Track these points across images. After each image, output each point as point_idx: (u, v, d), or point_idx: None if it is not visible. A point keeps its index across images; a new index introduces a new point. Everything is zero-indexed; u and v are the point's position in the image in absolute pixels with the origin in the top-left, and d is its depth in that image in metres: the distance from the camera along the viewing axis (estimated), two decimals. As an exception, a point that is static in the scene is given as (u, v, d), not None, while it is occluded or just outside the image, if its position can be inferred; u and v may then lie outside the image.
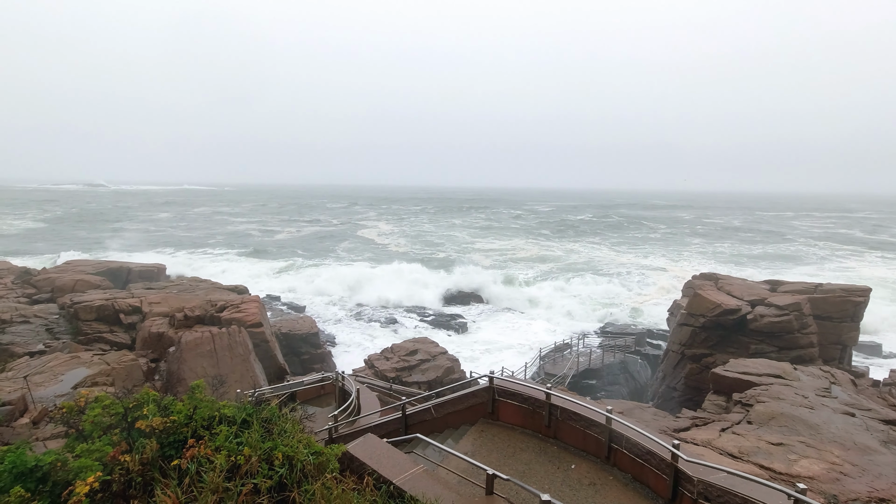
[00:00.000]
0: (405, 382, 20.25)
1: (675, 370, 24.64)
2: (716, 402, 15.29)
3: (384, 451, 6.93)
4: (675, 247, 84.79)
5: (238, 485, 4.14)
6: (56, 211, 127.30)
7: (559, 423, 8.56)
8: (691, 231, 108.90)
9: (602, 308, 43.68)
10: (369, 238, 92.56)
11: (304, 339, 26.31)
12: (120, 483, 4.49)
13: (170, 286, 30.16)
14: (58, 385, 13.83)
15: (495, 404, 9.37)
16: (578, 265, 65.67)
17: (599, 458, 7.98)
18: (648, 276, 57.76)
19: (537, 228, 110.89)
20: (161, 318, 21.60)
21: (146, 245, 75.18)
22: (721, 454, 9.52)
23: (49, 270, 32.17)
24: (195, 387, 5.43)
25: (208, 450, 4.51)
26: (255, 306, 21.67)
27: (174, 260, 60.13)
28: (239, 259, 64.85)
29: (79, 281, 28.09)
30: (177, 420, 5.15)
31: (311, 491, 4.56)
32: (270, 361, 19.86)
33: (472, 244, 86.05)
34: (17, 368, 15.19)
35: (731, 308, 22.83)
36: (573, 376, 27.29)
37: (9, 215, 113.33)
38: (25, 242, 76.28)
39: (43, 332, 21.27)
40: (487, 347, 34.84)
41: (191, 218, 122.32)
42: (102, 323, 22.53)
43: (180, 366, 16.56)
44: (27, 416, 11.38)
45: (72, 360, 15.99)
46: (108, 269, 33.45)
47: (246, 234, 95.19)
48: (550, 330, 38.00)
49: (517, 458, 8.20)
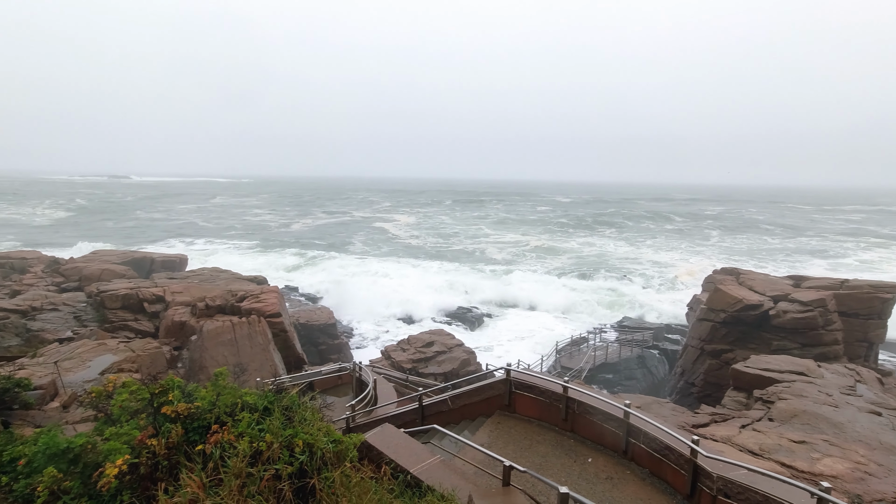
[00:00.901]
0: (421, 374, 20.39)
1: (694, 365, 24.33)
2: (736, 398, 15.07)
3: (401, 440, 7.00)
4: (692, 241, 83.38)
5: (260, 470, 4.23)
6: (82, 202, 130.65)
7: (576, 416, 8.54)
8: (710, 224, 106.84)
9: (618, 303, 43.25)
10: (385, 229, 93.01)
11: (322, 330, 26.65)
12: (147, 466, 4.63)
13: (191, 276, 30.74)
14: (86, 371, 14.26)
15: (512, 397, 9.38)
16: (594, 259, 65.09)
17: (616, 453, 7.95)
18: (666, 271, 56.97)
19: (552, 221, 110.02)
20: (183, 308, 22.05)
21: (167, 235, 76.77)
22: (741, 451, 9.39)
23: (76, 260, 33.07)
24: (218, 374, 5.55)
25: (231, 436, 4.62)
26: (274, 296, 21.98)
27: (194, 250, 61.33)
28: (256, 250, 65.84)
29: (105, 270, 28.82)
30: (200, 406, 5.28)
31: (331, 478, 4.63)
32: (289, 351, 20.16)
33: (486, 236, 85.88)
34: (48, 354, 15.70)
35: (752, 303, 22.40)
36: (589, 370, 27.15)
37: (39, 206, 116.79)
38: (54, 232, 78.57)
39: (71, 319, 21.91)
40: (502, 340, 34.83)
41: (209, 209, 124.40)
42: (127, 311, 23.11)
43: (202, 354, 16.92)
44: (57, 400, 11.77)
45: (99, 346, 16.47)
46: (132, 258, 34.23)
47: (263, 225, 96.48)
48: (565, 324, 37.79)
49: (534, 451, 8.21)
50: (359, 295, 42.07)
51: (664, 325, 36.11)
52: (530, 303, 43.09)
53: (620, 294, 46.15)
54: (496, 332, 36.70)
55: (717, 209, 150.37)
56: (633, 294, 46.27)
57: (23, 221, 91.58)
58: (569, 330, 34.76)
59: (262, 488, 4.26)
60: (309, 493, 4.59)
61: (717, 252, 71.73)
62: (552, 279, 51.60)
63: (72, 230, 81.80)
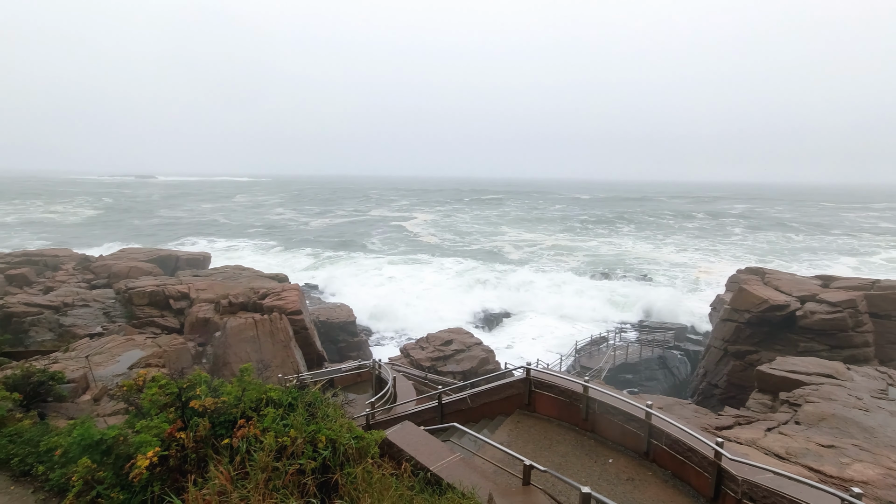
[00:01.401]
0: (440, 372, 20.46)
1: (717, 367, 23.87)
2: (761, 400, 14.75)
3: (421, 438, 7.05)
4: (714, 239, 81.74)
5: (286, 465, 4.32)
6: (109, 200, 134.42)
7: (597, 416, 8.48)
8: (733, 222, 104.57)
9: (637, 303, 42.66)
10: (403, 227, 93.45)
11: (342, 328, 26.93)
12: (176, 458, 4.77)
13: (215, 274, 31.41)
14: (115, 365, 14.70)
15: (532, 396, 9.35)
16: (613, 258, 64.33)
17: (638, 454, 7.86)
18: (687, 271, 55.99)
19: (570, 219, 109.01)
20: (207, 305, 22.54)
21: (190, 233, 78.48)
22: (767, 454, 9.20)
23: (105, 258, 34.06)
24: (244, 370, 5.68)
25: (257, 430, 4.72)
26: (295, 294, 22.30)
27: (216, 248, 62.56)
28: (277, 248, 66.84)
29: (132, 268, 29.63)
30: (227, 401, 5.41)
31: (353, 474, 4.71)
32: (309, 348, 20.43)
33: (503, 234, 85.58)
34: (79, 349, 16.23)
35: (778, 304, 21.87)
36: (609, 370, 26.88)
37: (69, 204, 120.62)
38: (84, 230, 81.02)
39: (101, 315, 22.59)
40: (520, 339, 34.71)
41: (231, 208, 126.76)
42: (154, 308, 23.72)
43: (225, 350, 17.27)
44: (89, 393, 12.17)
45: (127, 342, 16.96)
46: (158, 256, 35.10)
47: (283, 223, 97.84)
48: (583, 323, 37.45)
49: (553, 451, 8.18)
50: (378, 293, 42.37)
51: (686, 325, 35.49)
52: (548, 302, 42.82)
53: (639, 294, 45.54)
54: (513, 331, 36.60)
55: (739, 206, 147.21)
56: (652, 294, 45.62)
57: (55, 220, 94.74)
58: (587, 329, 34.46)
59: (286, 482, 4.35)
60: (332, 488, 4.68)
61: (740, 251, 70.21)
62: (570, 278, 51.17)
63: (100, 228, 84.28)
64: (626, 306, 41.89)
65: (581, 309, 41.28)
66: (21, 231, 77.31)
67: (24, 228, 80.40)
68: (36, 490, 6.33)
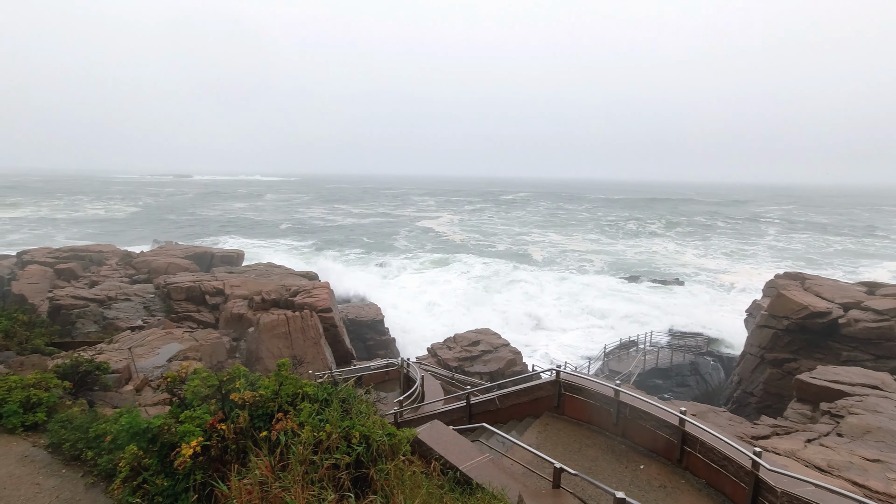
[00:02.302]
0: (467, 372, 20.49)
1: (753, 374, 23.12)
2: (800, 410, 14.23)
3: (451, 437, 7.10)
4: (749, 242, 79.06)
5: (322, 459, 4.44)
6: (149, 200, 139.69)
7: (628, 421, 8.36)
8: (769, 225, 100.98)
9: (668, 307, 41.65)
10: (429, 227, 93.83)
11: (370, 326, 27.26)
12: (217, 448, 4.96)
13: (248, 270, 32.26)
14: (155, 357, 15.30)
15: (561, 398, 9.29)
16: (643, 260, 63.01)
17: (670, 461, 7.72)
18: (720, 275, 54.35)
19: (597, 220, 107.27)
20: (241, 301, 23.19)
21: (223, 231, 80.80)
22: (807, 466, 8.88)
23: (146, 254, 35.43)
24: (281, 365, 5.85)
25: (294, 424, 4.86)
26: (325, 292, 22.71)
27: (248, 246, 64.19)
28: (306, 246, 68.15)
29: (171, 264, 30.73)
30: (264, 395, 5.58)
31: (386, 470, 4.79)
32: (338, 346, 20.78)
33: (530, 235, 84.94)
34: (122, 341, 16.96)
35: (819, 311, 21.02)
36: (639, 375, 26.37)
37: (112, 202, 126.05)
38: (126, 227, 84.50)
39: (141, 309, 23.52)
40: (548, 341, 34.38)
41: (262, 206, 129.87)
42: (191, 303, 24.54)
43: (258, 345, 17.75)
44: (131, 383, 12.71)
45: (166, 335, 17.61)
46: (194, 253, 36.28)
47: (311, 221, 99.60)
48: (611, 327, 36.80)
49: (583, 454, 8.11)
50: (405, 292, 42.69)
51: (718, 331, 34.48)
52: (576, 305, 42.28)
53: (670, 297, 44.48)
54: (541, 333, 36.27)
55: (771, 208, 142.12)
56: (683, 298, 44.49)
57: (101, 216, 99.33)
58: (616, 333, 33.87)
59: (322, 476, 4.47)
60: (365, 483, 4.77)
61: (775, 255, 67.76)
62: (598, 280, 50.41)
63: (141, 225, 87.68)
64: (656, 310, 40.99)
65: (609, 312, 40.62)
66: (69, 227, 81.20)
67: (72, 225, 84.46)
68: (85, 474, 6.65)
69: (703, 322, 37.60)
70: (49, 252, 33.73)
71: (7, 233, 71.81)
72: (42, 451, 7.22)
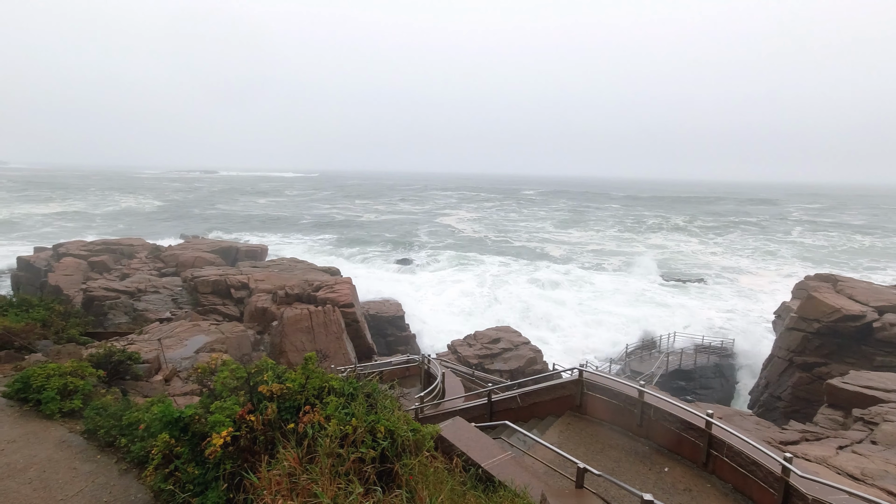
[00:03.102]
0: (487, 370, 20.48)
1: (781, 378, 22.55)
2: (831, 416, 13.83)
3: (473, 434, 7.12)
4: (775, 242, 76.94)
5: (348, 452, 4.50)
6: (176, 196, 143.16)
7: (652, 422, 8.25)
8: (795, 225, 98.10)
9: (691, 307, 40.85)
10: (449, 224, 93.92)
11: (391, 322, 27.46)
12: (247, 439, 5.07)
13: (272, 265, 32.82)
14: (183, 349, 15.72)
15: (584, 398, 9.22)
16: (666, 259, 61.90)
17: (696, 464, 7.60)
18: (746, 275, 53.06)
19: (618, 219, 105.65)
20: (265, 295, 23.62)
21: (247, 226, 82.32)
22: (839, 474, 8.63)
23: (174, 248, 36.35)
24: (308, 358, 5.93)
25: (321, 417, 4.94)
26: (347, 287, 22.96)
27: (271, 240, 65.25)
28: (326, 241, 68.94)
29: (197, 258, 31.47)
30: (291, 387, 5.67)
31: (411, 466, 4.83)
32: (360, 341, 21.00)
33: (550, 233, 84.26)
34: (151, 332, 17.46)
35: (852, 314, 20.37)
36: (661, 376, 25.98)
37: (142, 197, 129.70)
38: (155, 221, 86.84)
39: (169, 301, 24.18)
40: (568, 340, 34.10)
41: (283, 202, 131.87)
42: (216, 296, 25.11)
43: (282, 339, 18.05)
44: (161, 374, 13.08)
45: (193, 327, 18.07)
46: (220, 247, 37.10)
47: (332, 217, 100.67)
48: (633, 327, 36.25)
49: (605, 455, 8.04)
50: (425, 289, 42.85)
51: (743, 333, 33.69)
52: (596, 304, 41.81)
53: (693, 298, 43.62)
54: (561, 332, 35.98)
55: (796, 207, 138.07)
56: (707, 298, 43.58)
57: (133, 209, 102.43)
58: (637, 333, 33.39)
59: (348, 469, 4.53)
60: (390, 477, 4.82)
61: (802, 255, 65.80)
62: (620, 279, 49.74)
63: (168, 219, 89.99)
64: (679, 310, 40.27)
65: (631, 311, 40.05)
66: (101, 221, 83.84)
67: (104, 219, 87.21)
68: (119, 460, 6.88)
69: (728, 323, 36.82)
70: (83, 245, 34.91)
71: (43, 226, 74.54)
72: (78, 436, 7.48)
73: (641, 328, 35.54)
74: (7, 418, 7.87)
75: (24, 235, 63.70)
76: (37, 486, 6.09)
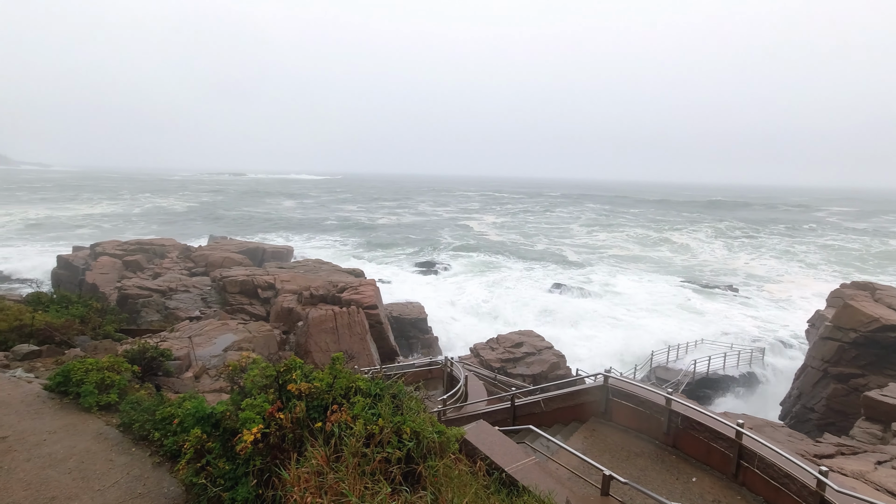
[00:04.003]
0: (509, 374, 20.38)
1: (815, 389, 21.78)
2: (868, 430, 13.31)
3: (496, 438, 7.10)
4: (807, 246, 74.38)
5: (374, 452, 4.56)
6: (206, 197, 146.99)
7: (679, 431, 8.09)
8: (822, 230, 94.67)
9: (720, 314, 39.80)
10: (471, 227, 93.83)
11: (413, 324, 27.58)
12: (276, 436, 5.18)
13: (297, 266, 33.37)
14: (212, 347, 16.12)
15: (609, 404, 9.10)
16: (691, 266, 60.50)
17: (725, 475, 7.42)
18: (777, 282, 51.43)
19: (642, 223, 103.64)
20: (291, 295, 24.03)
21: (272, 227, 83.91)
22: (877, 490, 8.30)
23: (203, 248, 37.32)
24: (336, 358, 6.03)
25: (348, 417, 5.02)
26: (371, 289, 23.18)
27: (295, 242, 66.34)
28: (350, 243, 69.71)
29: (226, 258, 32.23)
30: (319, 387, 5.77)
31: (436, 468, 4.86)
32: (383, 342, 21.17)
33: (573, 237, 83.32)
34: (182, 330, 17.97)
35: (892, 323, 19.55)
36: (688, 384, 25.39)
37: (173, 198, 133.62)
38: (187, 221, 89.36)
39: (199, 300, 24.82)
40: (591, 345, 33.61)
41: (309, 205, 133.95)
42: (244, 296, 25.67)
43: (307, 339, 18.34)
44: (191, 370, 13.45)
45: (222, 326, 18.51)
46: (247, 248, 37.92)
47: (355, 219, 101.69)
48: (658, 333, 35.52)
49: (631, 463, 7.92)
50: (448, 292, 42.90)
51: (774, 342, 32.67)
52: (621, 309, 41.14)
53: (721, 304, 42.51)
54: (585, 337, 35.50)
55: (825, 212, 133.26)
56: (737, 305, 42.41)
57: (165, 210, 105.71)
58: (663, 340, 32.69)
59: (374, 468, 4.59)
60: (414, 479, 4.86)
61: (833, 261, 63.38)
62: (646, 285, 48.84)
63: (198, 220, 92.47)
64: (708, 316, 39.31)
65: (658, 317, 39.29)
66: (136, 222, 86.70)
67: (139, 219, 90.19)
68: (152, 454, 7.10)
69: (758, 331, 35.76)
70: (118, 245, 36.15)
71: (81, 227, 77.46)
72: (114, 429, 7.76)
73: (668, 334, 34.81)
74: (48, 410, 8.23)
75: (61, 236, 66.36)
76: (76, 476, 6.34)
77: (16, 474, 6.26)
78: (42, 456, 6.75)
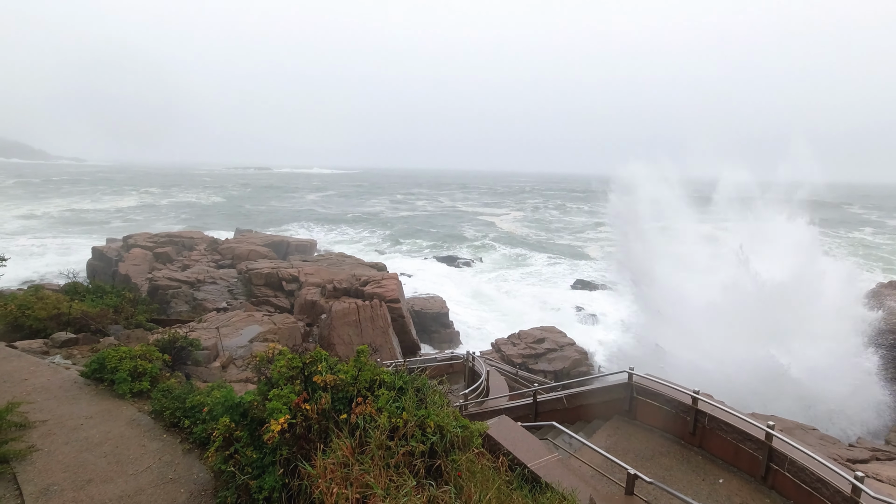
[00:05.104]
0: (531, 370, 20.28)
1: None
2: (906, 435, 12.82)
3: (519, 434, 7.08)
4: (837, 244, 71.70)
5: (398, 445, 4.60)
6: (233, 191, 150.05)
7: (706, 431, 7.94)
8: (859, 225, 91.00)
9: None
10: (492, 222, 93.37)
11: (435, 318, 27.67)
12: (302, 427, 5.26)
13: (321, 259, 33.83)
14: (238, 338, 16.49)
15: (633, 402, 8.99)
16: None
17: (754, 477, 7.25)
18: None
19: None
20: (314, 288, 24.37)
21: (295, 220, 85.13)
22: (915, 498, 7.99)
23: (230, 241, 38.14)
24: (360, 351, 6.09)
25: (372, 409, 5.07)
26: (393, 283, 23.34)
27: (318, 235, 67.17)
28: (371, 237, 70.26)
29: (251, 251, 32.86)
30: (344, 379, 5.84)
31: (459, 462, 4.87)
32: (405, 336, 21.31)
33: (593, 232, 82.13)
34: (209, 321, 18.42)
35: (934, 325, 18.74)
36: (715, 383, 24.82)
37: (201, 192, 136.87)
38: (214, 214, 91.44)
39: (226, 292, 25.39)
40: (613, 340, 33.15)
41: (330, 198, 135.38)
42: (269, 288, 26.15)
43: (330, 332, 18.59)
44: (218, 360, 13.80)
45: (248, 317, 18.90)
46: (272, 241, 38.58)
47: (376, 213, 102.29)
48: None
49: (656, 462, 7.81)
50: (469, 286, 42.89)
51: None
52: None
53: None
54: (606, 334, 35.05)
55: (858, 209, 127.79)
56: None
57: (193, 202, 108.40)
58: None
59: (397, 461, 4.63)
60: (437, 472, 4.88)
61: (870, 255, 60.92)
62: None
63: (225, 213, 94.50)
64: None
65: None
66: (166, 214, 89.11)
67: (169, 211, 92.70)
68: (182, 440, 7.32)
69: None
70: (149, 237, 37.22)
71: (115, 219, 79.99)
72: (146, 416, 8.02)
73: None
74: (85, 396, 8.55)
75: (95, 228, 68.64)
76: (111, 461, 6.58)
77: (55, 457, 6.53)
78: (79, 440, 7.03)
